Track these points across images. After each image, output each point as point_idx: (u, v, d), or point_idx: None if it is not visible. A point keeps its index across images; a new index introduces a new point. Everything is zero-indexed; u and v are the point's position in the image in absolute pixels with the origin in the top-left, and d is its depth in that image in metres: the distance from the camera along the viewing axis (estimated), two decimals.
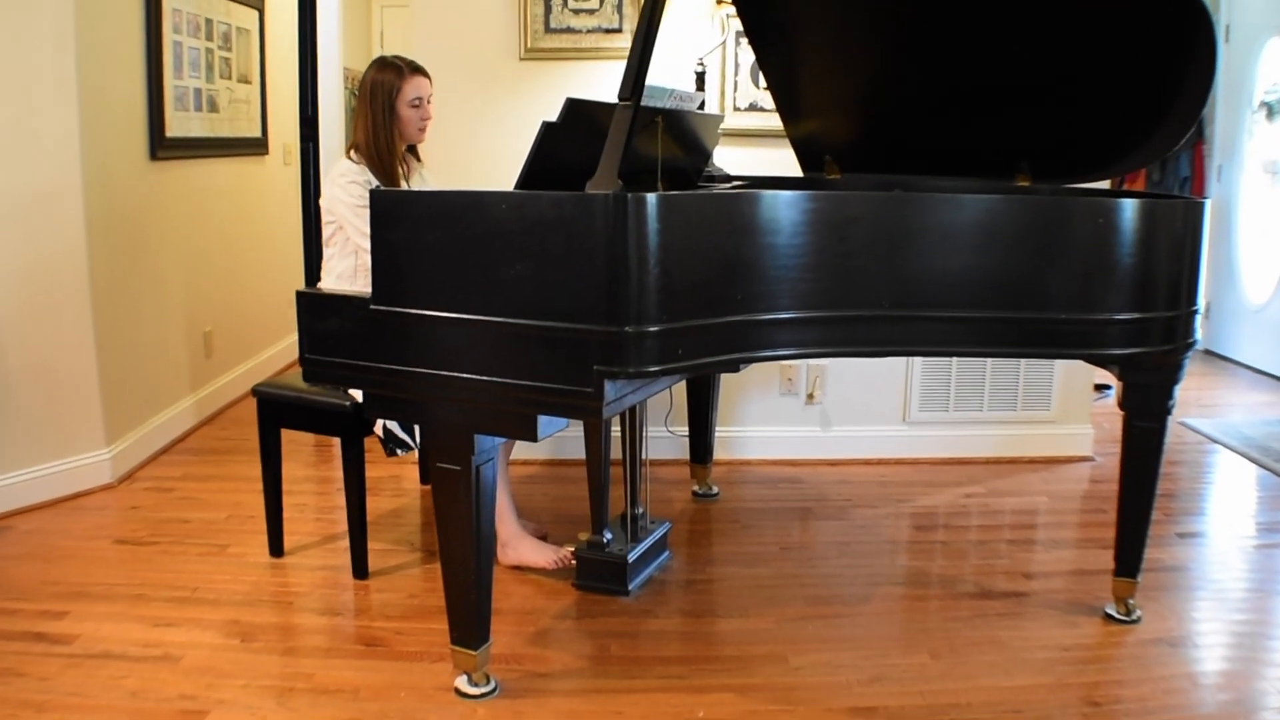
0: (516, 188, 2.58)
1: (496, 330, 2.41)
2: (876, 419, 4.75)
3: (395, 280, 2.54)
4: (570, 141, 2.61)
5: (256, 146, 6.08)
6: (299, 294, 2.74)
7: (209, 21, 5.37)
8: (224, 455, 4.86)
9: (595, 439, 3.42)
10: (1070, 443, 4.85)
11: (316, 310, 2.71)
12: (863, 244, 2.59)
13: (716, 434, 4.36)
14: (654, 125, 3.09)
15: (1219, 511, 4.34)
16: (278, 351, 6.48)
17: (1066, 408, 4.82)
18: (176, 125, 5.03)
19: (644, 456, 3.55)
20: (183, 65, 5.09)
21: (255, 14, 5.98)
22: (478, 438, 2.55)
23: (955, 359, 4.60)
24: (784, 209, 2.51)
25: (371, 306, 2.57)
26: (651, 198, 2.30)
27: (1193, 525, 4.11)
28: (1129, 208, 2.72)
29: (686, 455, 4.35)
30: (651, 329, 2.32)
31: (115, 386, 4.47)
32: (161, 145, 4.87)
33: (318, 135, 7.26)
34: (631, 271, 2.29)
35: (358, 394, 3.22)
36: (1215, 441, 5.21)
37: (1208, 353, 7.46)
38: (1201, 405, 5.98)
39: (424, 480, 4.42)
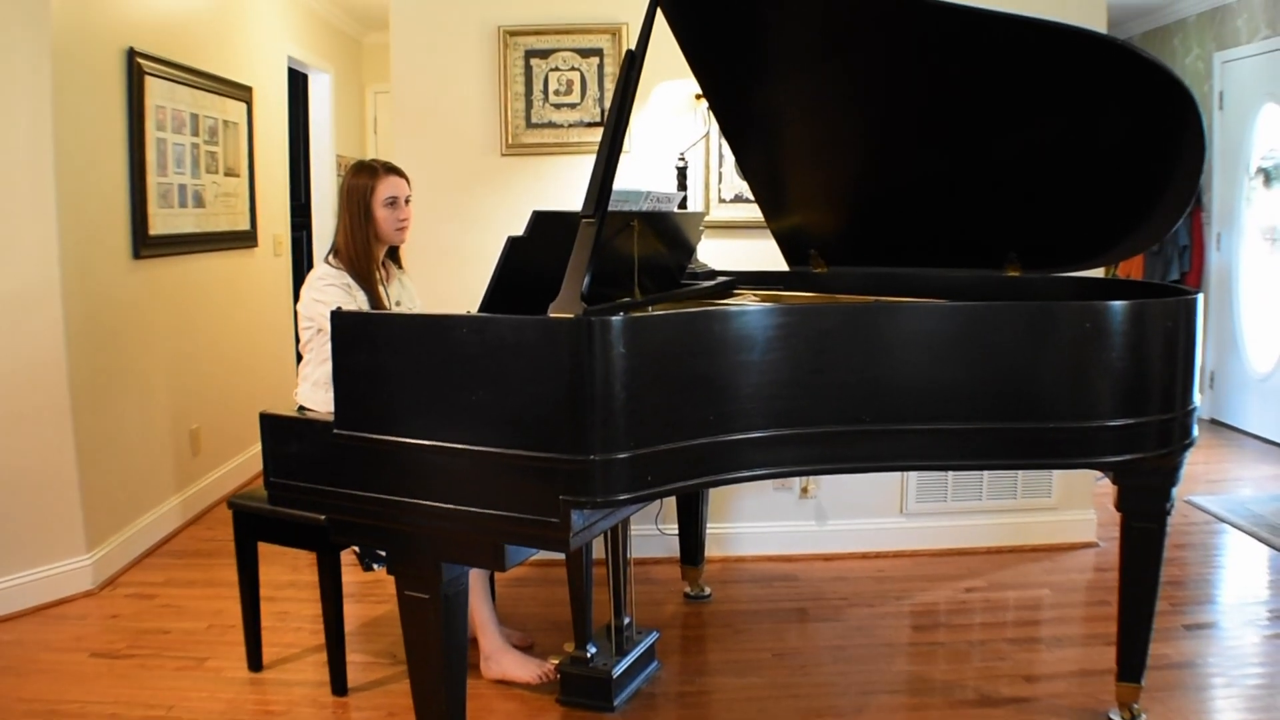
0: (483, 304, 2.51)
1: (460, 457, 2.34)
2: (873, 511, 4.65)
3: (358, 405, 2.47)
4: (540, 251, 2.54)
5: (245, 239, 6.04)
6: (262, 416, 2.68)
7: (194, 117, 5.35)
8: (208, 558, 4.76)
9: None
10: (1073, 529, 4.74)
11: (279, 434, 2.65)
12: (839, 357, 2.51)
13: (709, 530, 4.26)
14: (630, 229, 3.02)
15: (1228, 599, 4.22)
16: None
17: (1068, 493, 4.72)
18: (161, 223, 4.99)
19: (628, 556, 3.45)
20: (167, 162, 5.06)
21: (243, 106, 5.97)
22: (445, 565, 2.47)
23: None
24: (755, 325, 2.44)
25: (334, 431, 2.50)
26: (616, 320, 2.23)
27: (1201, 615, 3.99)
28: (1118, 310, 2.64)
29: (678, 553, 4.24)
30: (619, 456, 2.24)
31: (96, 490, 4.40)
32: (145, 244, 4.83)
33: (311, 223, 7.25)
34: (596, 397, 2.22)
35: None
36: (1223, 521, 5.10)
37: (1214, 422, 7.36)
38: (1209, 480, 5.87)
39: None
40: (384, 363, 2.42)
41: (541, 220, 2.54)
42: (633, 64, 2.60)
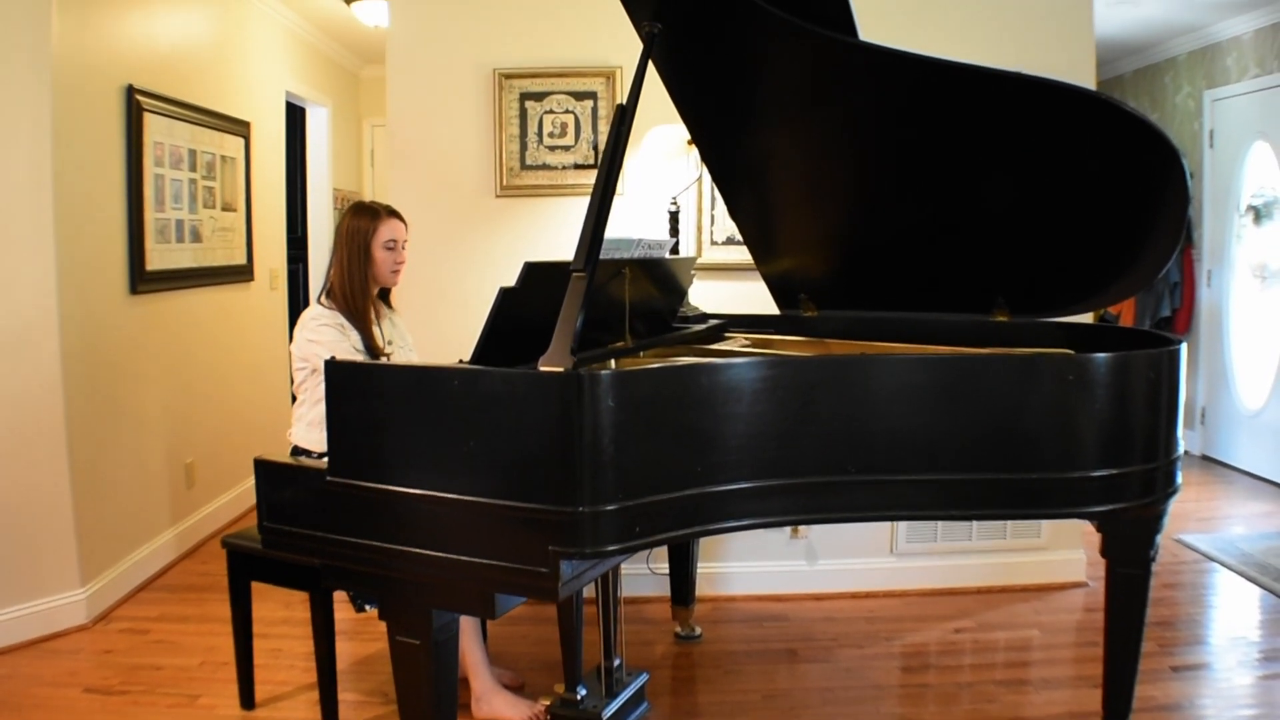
0: (475, 354, 2.54)
1: (451, 507, 2.36)
2: (863, 551, 4.66)
3: (351, 453, 2.50)
4: (532, 300, 2.57)
5: (241, 274, 6.08)
6: (257, 462, 2.71)
7: (192, 152, 5.40)
8: (203, 592, 4.77)
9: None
10: (1062, 569, 4.76)
11: (274, 480, 2.68)
12: (825, 409, 2.54)
13: (700, 569, 4.28)
14: (622, 276, 3.06)
15: (1217, 640, 4.24)
16: None
17: (1057, 533, 4.74)
18: (158, 258, 5.02)
19: (619, 596, 3.47)
20: (165, 198, 5.11)
21: (241, 141, 6.02)
22: (436, 612, 2.49)
23: None
24: (743, 377, 2.46)
25: (328, 479, 2.53)
26: (605, 375, 2.26)
27: (1189, 657, 4.01)
28: (1101, 363, 2.67)
29: (669, 592, 4.25)
30: (608, 508, 2.26)
31: (91, 524, 4.42)
32: (142, 279, 4.87)
33: (307, 256, 7.29)
34: (586, 450, 2.24)
35: None
36: (1213, 560, 5.12)
37: (1205, 458, 7.40)
38: (1199, 518, 5.89)
39: None
40: (377, 412, 2.45)
41: (533, 271, 2.58)
42: (624, 117, 2.64)
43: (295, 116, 7.39)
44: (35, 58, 4.10)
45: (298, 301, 7.42)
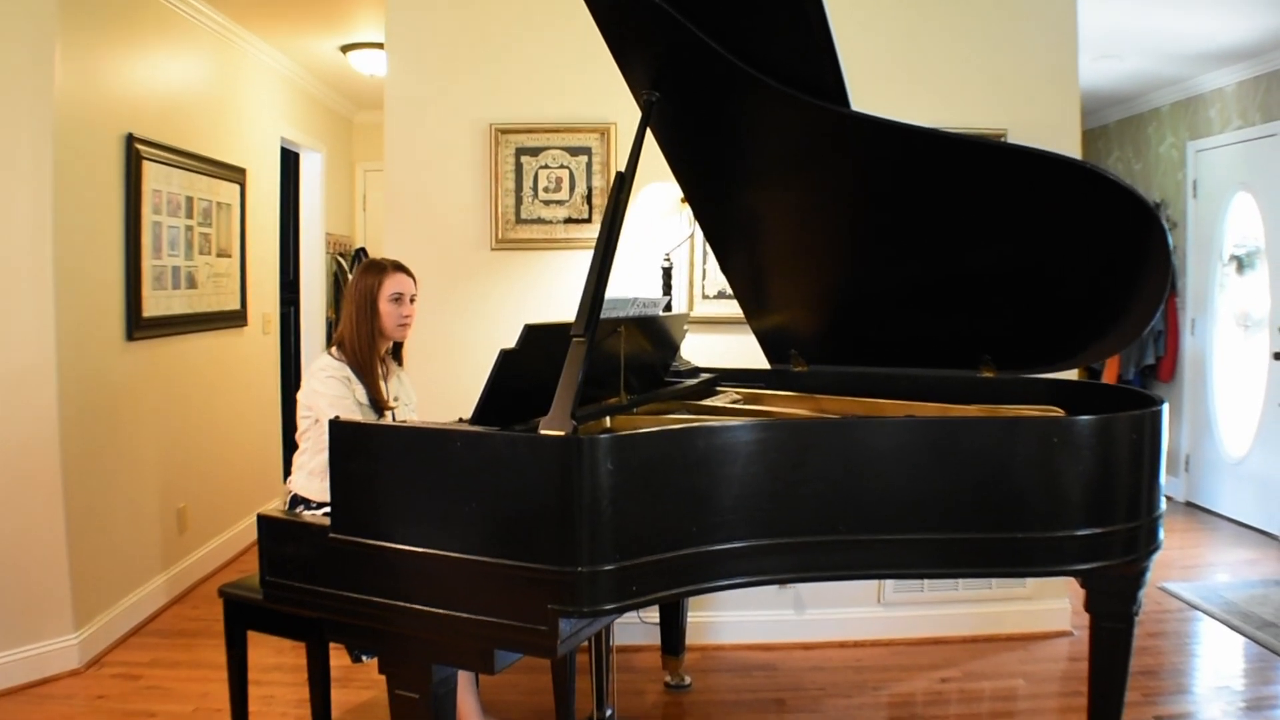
0: (475, 413, 2.59)
1: (452, 565, 2.41)
2: (851, 601, 4.71)
3: (354, 510, 2.55)
4: (532, 360, 2.63)
5: (235, 319, 6.13)
6: (260, 518, 2.76)
7: (189, 199, 5.46)
8: (194, 638, 4.79)
9: None
10: (1047, 618, 4.82)
11: (277, 535, 2.72)
12: (817, 470, 2.59)
13: (689, 618, 4.32)
14: (617, 334, 3.12)
15: (1201, 689, 4.28)
16: (252, 523, 6.38)
17: (1042, 582, 4.79)
18: (154, 305, 5.08)
19: (611, 644, 3.51)
20: (162, 245, 5.16)
21: (236, 187, 6.08)
22: (435, 667, 2.54)
23: None
24: (737, 439, 2.52)
25: (330, 535, 2.57)
26: (604, 439, 2.31)
27: (1173, 706, 4.06)
28: (1085, 425, 2.73)
29: (659, 641, 4.29)
30: (606, 568, 2.32)
31: (85, 569, 4.44)
32: (138, 326, 4.92)
33: (299, 299, 7.34)
34: (584, 512, 2.30)
35: None
36: (1196, 608, 5.17)
37: (1189, 505, 7.46)
38: (1184, 566, 5.95)
39: None
40: (381, 471, 2.50)
41: (532, 333, 2.63)
42: (622, 185, 2.71)
43: (289, 161, 7.46)
44: (38, 107, 4.17)
45: (289, 345, 7.47)
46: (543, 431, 2.34)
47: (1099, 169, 2.81)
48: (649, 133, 3.00)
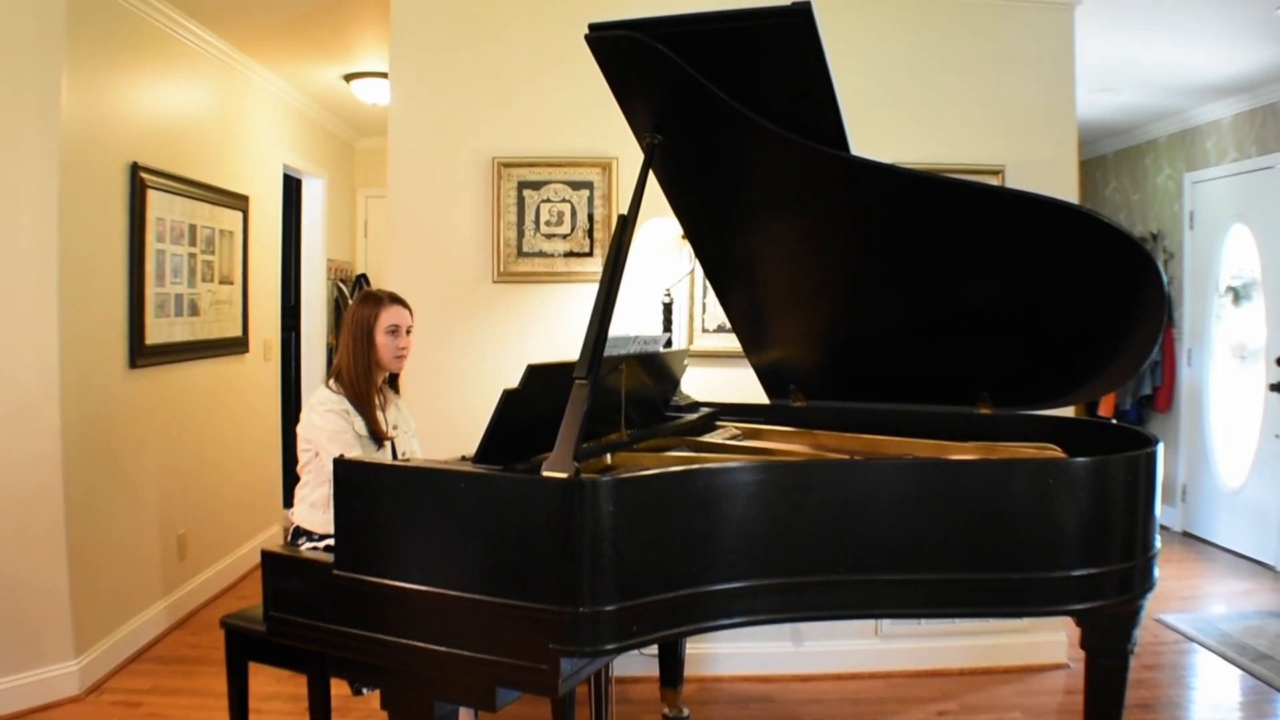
0: (478, 452, 2.62)
1: (455, 604, 2.44)
2: (848, 633, 4.74)
3: (358, 548, 2.57)
4: (534, 399, 2.66)
5: (237, 346, 6.16)
6: (264, 554, 2.78)
7: (192, 227, 5.49)
8: (193, 665, 4.80)
9: None
10: (1044, 650, 4.84)
11: (281, 571, 2.75)
12: (816, 511, 2.62)
13: (688, 649, 4.34)
14: (618, 371, 3.16)
15: None
16: (251, 549, 6.43)
17: None
18: (156, 333, 5.11)
19: (610, 676, 3.53)
20: (165, 272, 5.20)
21: (239, 215, 6.12)
22: (436, 703, 2.56)
23: None
24: (737, 481, 2.55)
25: (334, 572, 2.60)
26: (606, 482, 2.34)
27: None
28: (1080, 467, 2.76)
29: (657, 672, 4.30)
30: (607, 608, 2.34)
31: (86, 595, 4.46)
32: (141, 353, 4.95)
33: (300, 325, 7.37)
34: (586, 553, 2.33)
35: None
36: (1192, 640, 5.19)
37: (1186, 534, 7.48)
38: (1180, 597, 5.97)
39: None
40: (385, 510, 2.53)
41: (535, 373, 2.66)
42: (624, 229, 2.75)
43: (291, 187, 7.50)
44: (44, 135, 4.22)
45: (290, 372, 7.49)
46: (545, 473, 2.36)
47: (1093, 212, 2.85)
48: (651, 172, 3.04)
